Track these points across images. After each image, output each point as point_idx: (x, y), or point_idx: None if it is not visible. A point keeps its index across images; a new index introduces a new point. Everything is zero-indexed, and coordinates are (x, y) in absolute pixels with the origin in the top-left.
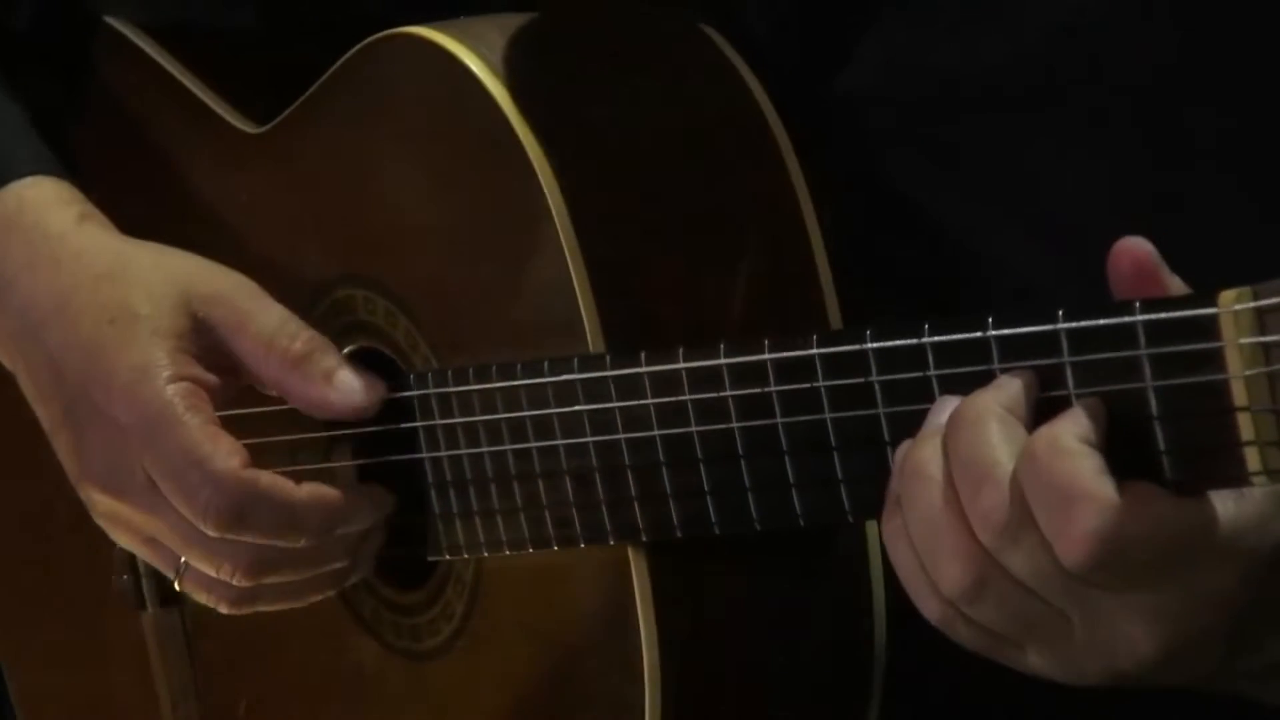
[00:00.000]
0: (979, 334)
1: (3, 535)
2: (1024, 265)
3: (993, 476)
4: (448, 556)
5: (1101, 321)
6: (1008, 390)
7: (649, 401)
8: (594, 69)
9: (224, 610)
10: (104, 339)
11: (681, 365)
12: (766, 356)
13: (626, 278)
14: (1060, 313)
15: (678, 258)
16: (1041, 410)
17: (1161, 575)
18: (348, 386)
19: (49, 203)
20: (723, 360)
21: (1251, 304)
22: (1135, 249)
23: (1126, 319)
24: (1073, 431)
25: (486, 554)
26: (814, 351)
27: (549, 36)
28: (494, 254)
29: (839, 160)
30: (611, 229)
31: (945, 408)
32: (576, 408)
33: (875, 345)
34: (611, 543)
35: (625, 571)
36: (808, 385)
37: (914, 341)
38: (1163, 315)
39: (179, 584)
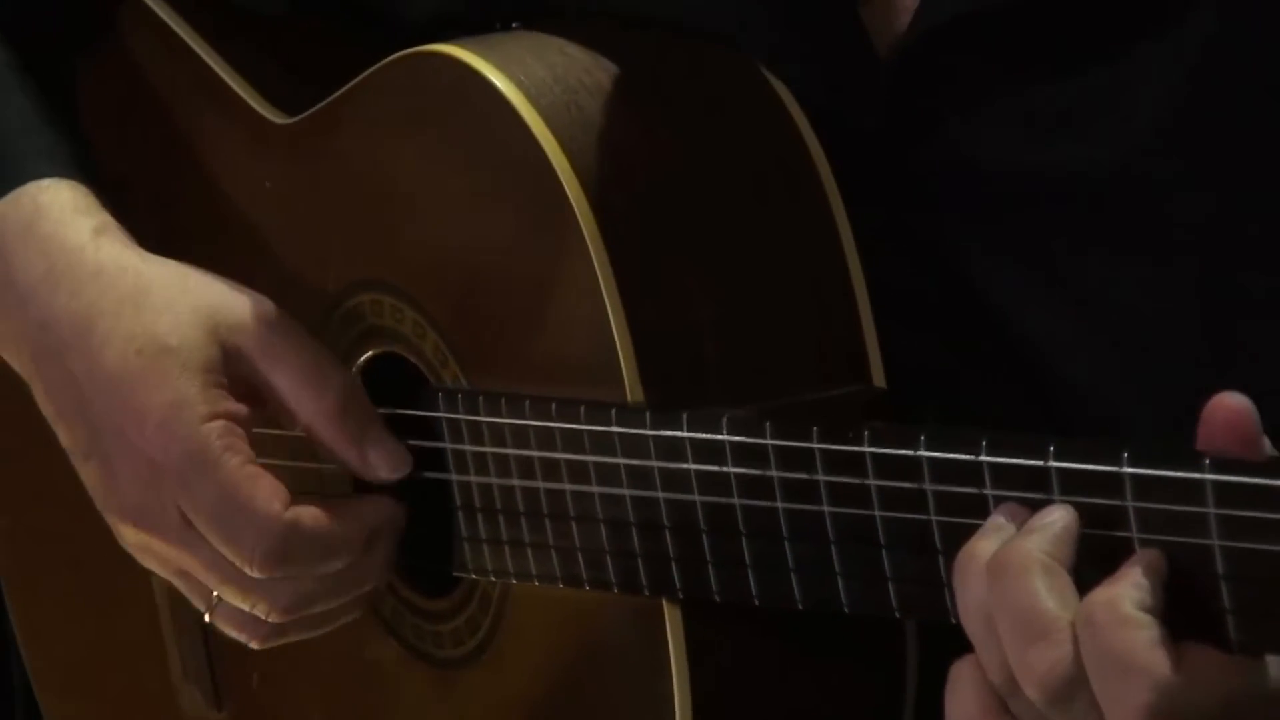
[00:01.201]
0: (1039, 463)
1: (17, 499)
2: (1072, 353)
3: (1048, 634)
4: (473, 576)
5: (1169, 473)
6: (1048, 534)
7: (690, 466)
8: (634, 100)
9: (254, 646)
10: (132, 371)
11: (725, 438)
12: (815, 445)
13: (665, 320)
14: (1126, 455)
15: (717, 301)
16: (1102, 547)
17: None
18: (378, 455)
19: (65, 211)
20: (769, 441)
21: None
22: (1234, 406)
23: (1195, 475)
24: (1132, 597)
25: (514, 581)
26: (865, 450)
27: (587, 62)
28: (529, 284)
29: (894, 221)
30: (650, 268)
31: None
32: (614, 459)
33: (929, 454)
34: (647, 594)
35: (658, 614)
36: (857, 481)
37: (970, 458)
38: (1233, 479)
39: (209, 617)
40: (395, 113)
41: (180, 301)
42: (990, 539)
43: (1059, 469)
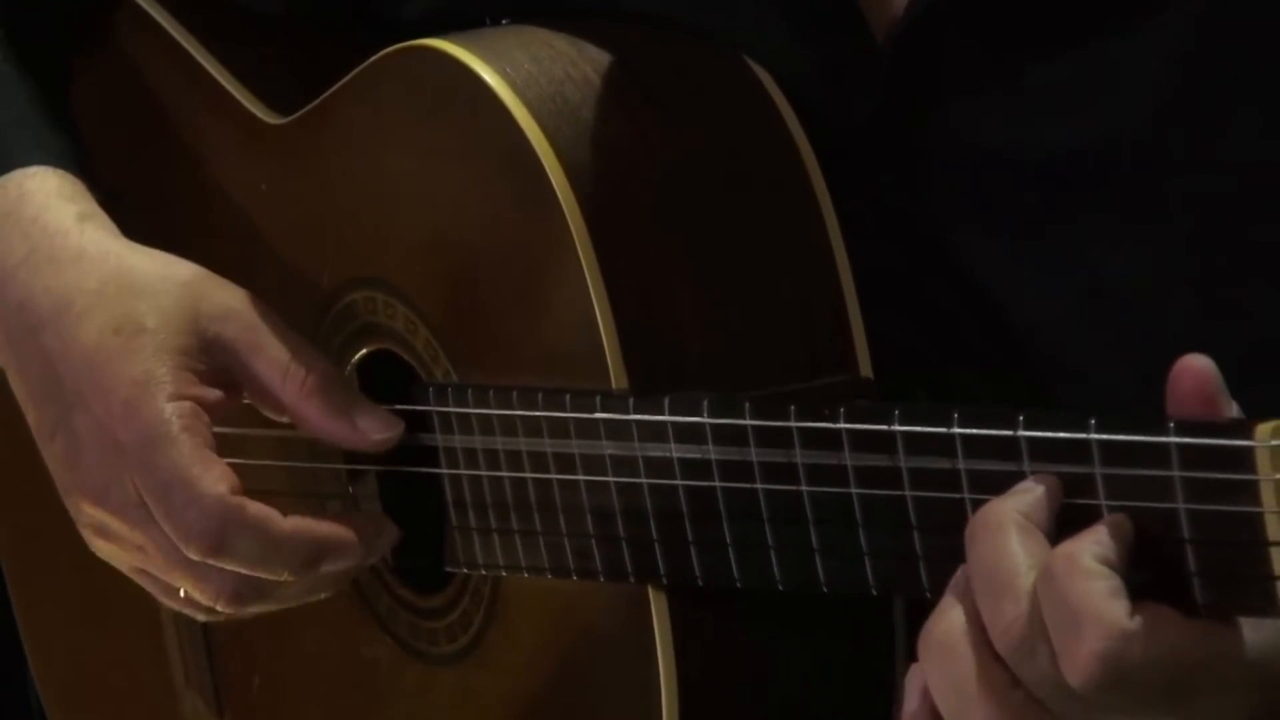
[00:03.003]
0: (1009, 432)
1: (20, 506)
2: (1068, 336)
3: (1012, 588)
4: (465, 570)
5: (1135, 438)
6: (1028, 497)
7: (672, 453)
8: (619, 93)
9: (221, 607)
10: (107, 349)
11: (706, 420)
12: (792, 424)
13: (650, 312)
14: (1093, 422)
15: (703, 292)
16: (1071, 516)
17: (1170, 701)
18: (368, 421)
19: (50, 197)
20: (748, 421)
21: None
22: (1198, 369)
23: (1160, 439)
24: (1092, 551)
25: (505, 574)
26: (841, 426)
27: (573, 55)
28: (517, 277)
29: (888, 206)
30: (636, 260)
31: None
32: (599, 447)
33: (902, 429)
34: (632, 581)
35: (645, 602)
36: (834, 461)
37: (942, 431)
38: (1197, 441)
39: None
40: (385, 109)
41: (162, 287)
42: (951, 614)
43: (1028, 438)
